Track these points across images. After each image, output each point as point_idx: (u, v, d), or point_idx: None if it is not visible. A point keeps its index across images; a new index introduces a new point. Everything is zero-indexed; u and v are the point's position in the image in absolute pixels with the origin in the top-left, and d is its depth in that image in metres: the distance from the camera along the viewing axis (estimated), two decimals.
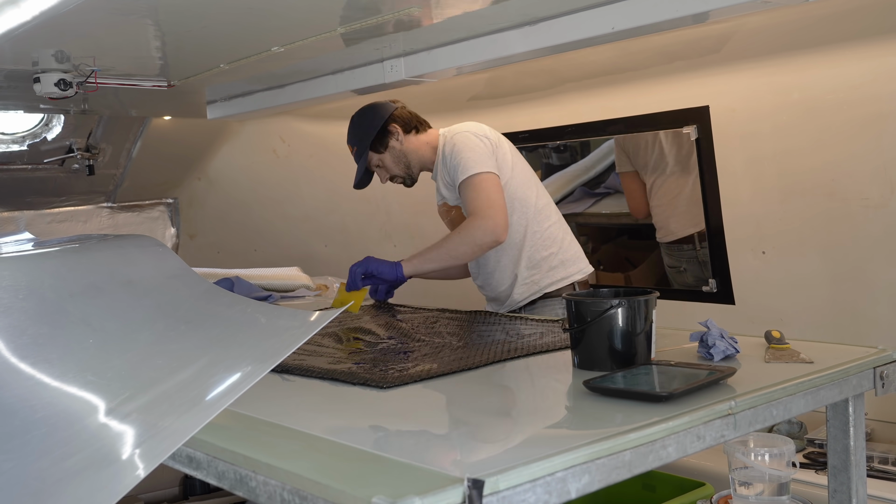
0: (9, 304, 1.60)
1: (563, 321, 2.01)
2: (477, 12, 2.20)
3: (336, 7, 2.08)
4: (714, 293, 3.18)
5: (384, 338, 2.04)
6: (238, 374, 1.41)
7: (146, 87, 3.03)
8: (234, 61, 2.67)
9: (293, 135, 4.66)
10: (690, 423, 1.25)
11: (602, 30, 2.19)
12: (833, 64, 2.70)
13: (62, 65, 2.47)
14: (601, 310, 1.59)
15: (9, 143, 4.21)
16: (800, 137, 2.82)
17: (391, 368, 1.66)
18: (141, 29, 2.21)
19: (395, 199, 4.45)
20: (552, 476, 1.05)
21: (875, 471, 2.53)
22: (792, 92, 2.83)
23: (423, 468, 1.05)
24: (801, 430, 2.79)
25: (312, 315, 1.68)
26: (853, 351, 1.66)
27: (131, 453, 1.24)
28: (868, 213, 2.72)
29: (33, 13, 1.91)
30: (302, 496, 1.05)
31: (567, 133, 3.55)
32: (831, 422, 1.65)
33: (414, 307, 2.55)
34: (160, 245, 2.00)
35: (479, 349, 1.83)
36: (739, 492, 1.66)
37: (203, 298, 1.82)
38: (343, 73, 3.00)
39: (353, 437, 1.25)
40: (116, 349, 1.57)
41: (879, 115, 2.63)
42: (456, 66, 2.65)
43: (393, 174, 2.79)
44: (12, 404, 1.41)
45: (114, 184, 4.73)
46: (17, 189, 4.42)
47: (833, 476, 1.65)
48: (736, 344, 1.66)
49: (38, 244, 2.13)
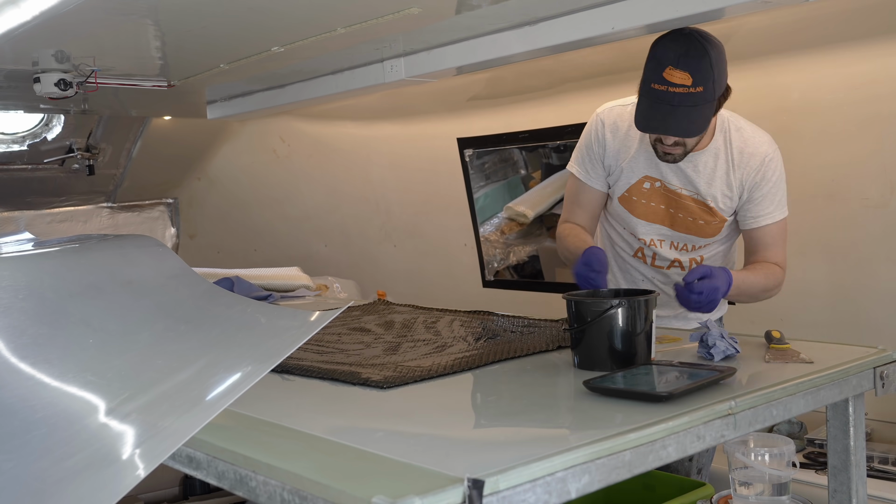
0: (9, 304, 1.59)
1: (563, 321, 2.00)
2: (477, 12, 2.20)
3: (336, 7, 2.08)
4: None
5: (384, 338, 2.04)
6: (238, 375, 1.41)
7: (146, 87, 3.03)
8: (234, 61, 2.67)
9: (293, 135, 4.66)
10: (690, 423, 1.25)
11: (602, 30, 2.19)
12: (833, 64, 2.70)
13: (62, 65, 2.48)
14: (601, 310, 1.60)
15: (9, 143, 4.21)
16: (800, 138, 2.82)
17: (391, 368, 1.66)
18: (141, 29, 2.21)
19: (395, 199, 4.46)
20: (552, 476, 1.05)
21: (875, 471, 2.53)
22: (792, 92, 2.83)
23: (423, 468, 1.05)
24: (801, 430, 2.80)
25: (312, 315, 1.68)
26: (853, 351, 1.66)
27: (131, 453, 1.25)
28: (868, 213, 2.72)
29: (33, 13, 1.91)
30: (302, 496, 1.05)
31: (567, 133, 3.55)
32: (831, 422, 1.65)
33: (414, 307, 2.55)
34: (160, 245, 2.00)
35: (480, 349, 1.83)
36: (739, 492, 1.66)
37: (203, 298, 1.82)
38: (343, 73, 3.00)
39: (353, 437, 1.25)
40: (116, 349, 1.57)
41: (880, 116, 2.63)
42: (456, 66, 2.65)
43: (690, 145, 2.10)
44: (12, 404, 1.41)
45: (114, 184, 4.73)
46: (17, 189, 4.42)
47: (833, 476, 1.65)
48: (736, 344, 1.67)
49: (38, 244, 2.13)
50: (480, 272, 4.15)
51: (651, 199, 2.20)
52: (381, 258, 4.64)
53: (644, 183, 2.19)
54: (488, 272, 4.12)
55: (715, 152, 2.14)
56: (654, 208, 2.21)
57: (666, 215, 2.20)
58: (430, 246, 4.43)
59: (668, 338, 1.89)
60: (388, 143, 4.34)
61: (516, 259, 4.00)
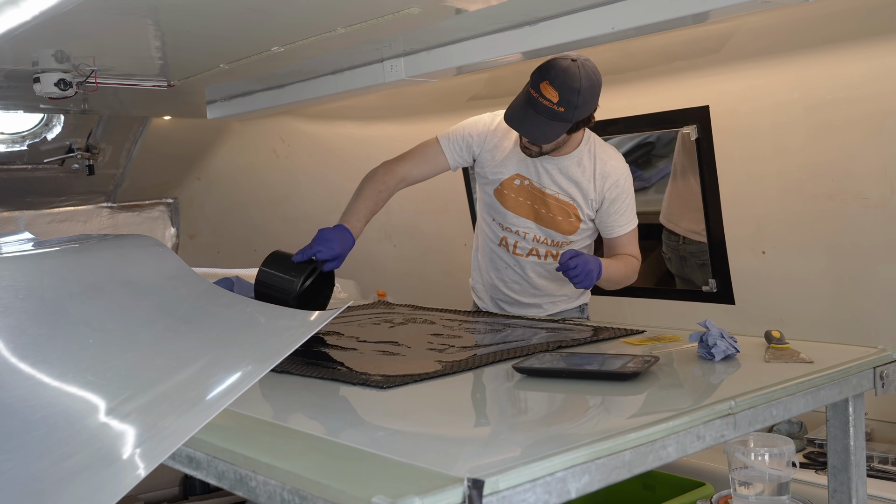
0: (8, 304, 1.60)
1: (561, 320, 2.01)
2: (477, 12, 2.20)
3: (336, 7, 2.08)
4: (714, 293, 3.19)
5: (384, 338, 2.04)
6: (238, 374, 1.41)
7: (146, 87, 3.03)
8: (234, 61, 2.66)
9: (293, 135, 4.66)
10: (690, 423, 1.25)
11: (602, 30, 2.19)
12: (833, 64, 2.70)
13: (62, 65, 2.48)
14: None
15: (9, 143, 4.21)
16: (800, 137, 2.82)
17: (391, 368, 1.66)
18: (141, 29, 2.21)
19: (395, 199, 4.44)
20: (552, 476, 1.05)
21: (875, 471, 2.53)
22: (792, 92, 2.83)
23: (423, 468, 1.05)
24: (801, 430, 2.79)
25: (312, 315, 1.68)
26: (853, 351, 1.66)
27: (131, 453, 1.25)
28: (868, 212, 2.72)
29: (33, 13, 1.91)
30: (302, 496, 1.05)
31: None
32: (831, 422, 1.65)
33: (414, 307, 2.55)
34: (160, 245, 2.00)
35: (480, 349, 1.83)
36: (739, 492, 1.66)
37: (203, 298, 1.82)
38: (343, 73, 3.00)
39: (353, 437, 1.25)
40: (116, 349, 1.57)
41: (879, 115, 2.63)
42: (456, 66, 2.65)
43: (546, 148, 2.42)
44: (12, 404, 1.41)
45: (114, 184, 4.74)
46: (17, 189, 4.42)
47: (833, 476, 1.65)
48: (736, 343, 1.67)
49: (38, 244, 2.13)
50: None
51: (520, 194, 2.53)
52: (381, 258, 4.64)
53: (515, 180, 2.52)
54: None
55: (580, 161, 2.47)
56: (522, 203, 2.53)
57: (531, 210, 2.52)
58: (430, 246, 4.43)
59: (667, 337, 1.89)
60: (388, 143, 4.32)
61: None
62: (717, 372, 1.61)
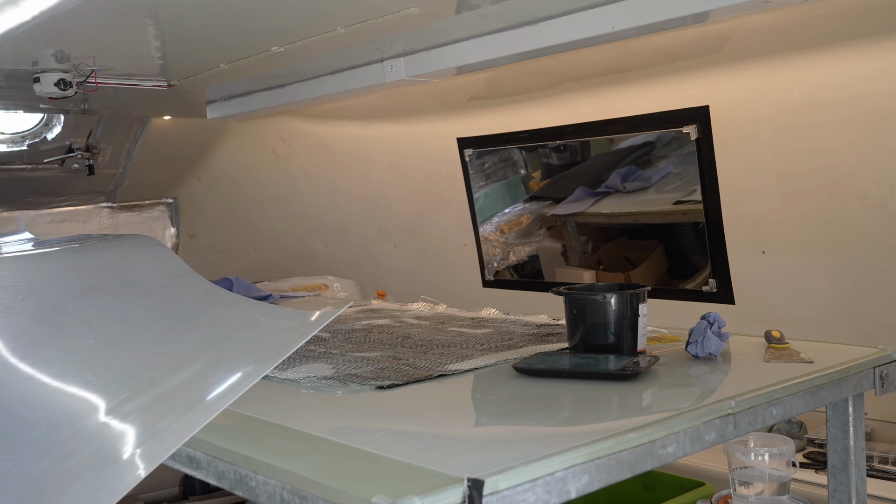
0: (9, 304, 1.60)
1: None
2: (477, 12, 2.20)
3: (336, 7, 2.08)
4: (714, 293, 3.19)
5: (384, 338, 2.04)
6: (238, 375, 1.41)
7: (146, 87, 3.03)
8: (234, 61, 2.66)
9: (293, 135, 4.66)
10: (690, 423, 1.25)
11: (602, 30, 2.19)
12: (833, 64, 2.70)
13: (62, 65, 2.47)
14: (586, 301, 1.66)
15: (9, 143, 4.21)
16: (800, 137, 2.82)
17: (392, 368, 1.66)
18: (141, 29, 2.21)
19: (396, 199, 4.46)
20: (552, 476, 1.05)
21: (875, 471, 2.53)
22: (792, 91, 2.83)
23: (423, 468, 1.05)
24: (801, 430, 2.79)
25: (312, 315, 1.68)
26: (853, 351, 1.66)
27: (132, 453, 1.25)
28: (868, 213, 2.72)
29: (33, 13, 1.91)
30: (302, 496, 1.05)
31: (567, 133, 3.55)
32: (831, 422, 1.65)
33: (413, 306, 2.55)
34: (160, 245, 2.00)
35: (480, 349, 1.83)
36: (739, 492, 1.66)
37: (203, 298, 1.82)
38: (343, 73, 3.00)
39: (353, 437, 1.25)
40: (116, 349, 1.57)
41: (880, 115, 2.63)
42: (456, 66, 2.65)
43: None
44: (12, 404, 1.41)
45: (114, 184, 4.73)
46: (17, 189, 4.42)
47: (833, 476, 1.65)
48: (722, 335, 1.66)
49: (38, 244, 2.13)
50: (480, 272, 4.15)
51: None
52: (381, 258, 4.64)
53: None
54: (488, 272, 4.12)
55: None
56: None
57: None
58: (430, 246, 4.43)
59: (667, 337, 1.90)
60: (388, 143, 4.34)
61: (516, 259, 4.00)
62: (717, 372, 1.61)
